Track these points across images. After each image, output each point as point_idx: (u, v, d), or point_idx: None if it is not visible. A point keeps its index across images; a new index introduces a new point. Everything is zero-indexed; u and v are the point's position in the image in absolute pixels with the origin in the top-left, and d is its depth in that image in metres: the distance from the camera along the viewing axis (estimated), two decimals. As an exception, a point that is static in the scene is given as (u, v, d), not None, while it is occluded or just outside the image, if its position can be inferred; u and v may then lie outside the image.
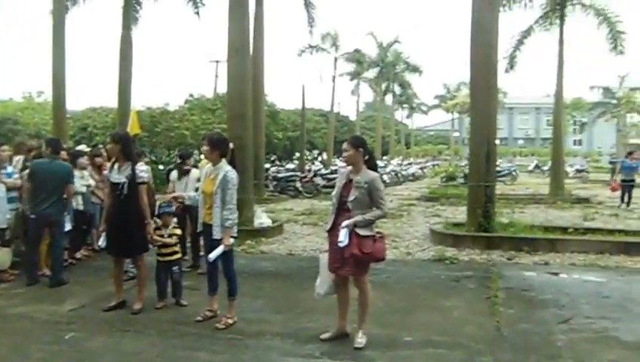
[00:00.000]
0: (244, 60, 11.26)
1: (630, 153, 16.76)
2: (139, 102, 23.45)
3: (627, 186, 15.43)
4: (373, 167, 4.63)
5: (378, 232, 4.58)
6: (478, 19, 10.10)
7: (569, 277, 7.41)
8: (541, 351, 4.59)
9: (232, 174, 4.96)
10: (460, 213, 12.08)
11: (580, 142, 70.28)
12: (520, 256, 8.63)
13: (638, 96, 42.98)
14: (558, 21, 18.93)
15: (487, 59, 10.10)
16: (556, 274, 7.55)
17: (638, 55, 77.03)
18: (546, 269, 7.85)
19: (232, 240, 4.95)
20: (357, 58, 40.32)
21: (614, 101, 44.21)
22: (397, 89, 49.75)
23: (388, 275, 7.11)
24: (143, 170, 5.58)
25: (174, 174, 7.69)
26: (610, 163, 36.35)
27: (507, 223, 10.30)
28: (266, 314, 5.50)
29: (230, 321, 5.04)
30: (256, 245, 9.44)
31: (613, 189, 16.05)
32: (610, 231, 10.29)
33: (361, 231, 4.36)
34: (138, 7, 17.62)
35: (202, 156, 6.78)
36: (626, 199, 15.35)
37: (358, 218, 4.36)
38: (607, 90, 43.28)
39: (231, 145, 5.17)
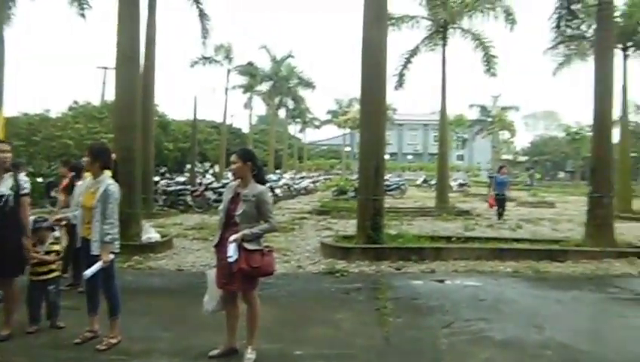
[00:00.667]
0: (134, 68, 10.87)
1: (501, 168, 18.01)
2: (15, 107, 21.77)
3: (499, 200, 16.25)
4: (261, 180, 4.63)
5: (267, 246, 4.57)
6: (368, 37, 10.49)
7: (452, 283, 7.91)
8: (426, 355, 4.86)
9: (114, 188, 4.74)
10: (350, 226, 12.41)
11: (462, 157, 75.16)
12: (408, 266, 9.03)
13: (508, 114, 46.85)
14: (441, 42, 20.24)
15: (376, 77, 10.52)
16: (441, 281, 8.01)
17: (510, 77, 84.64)
18: (432, 277, 8.29)
19: (111, 256, 4.71)
20: (250, 71, 40.40)
21: (489, 119, 47.90)
22: (290, 103, 50.38)
23: (278, 289, 7.13)
24: (25, 180, 5.20)
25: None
26: (489, 177, 39.34)
27: (396, 235, 10.71)
28: (152, 332, 5.29)
29: (113, 341, 4.78)
30: (144, 261, 9.07)
31: (491, 205, 16.88)
32: (487, 240, 11.15)
33: (249, 246, 4.33)
34: (11, 4, 16.39)
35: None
36: (500, 211, 16.29)
37: (246, 232, 4.33)
38: (483, 109, 46.80)
39: (113, 156, 4.94)
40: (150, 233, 10.43)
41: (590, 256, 9.88)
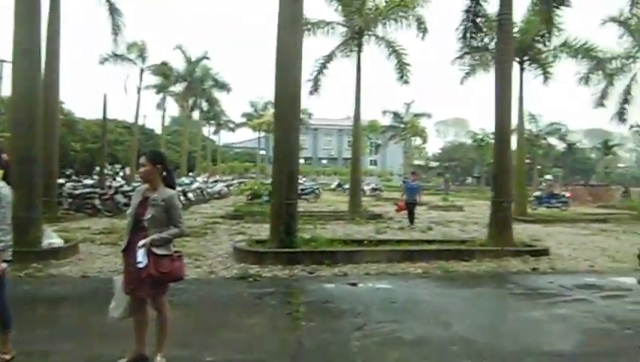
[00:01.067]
0: (34, 62, 10.15)
1: (413, 173, 18.51)
2: None
3: (409, 206, 16.23)
4: (171, 184, 4.48)
5: (176, 251, 4.44)
6: (283, 41, 10.50)
7: (365, 286, 8.06)
8: (338, 358, 4.90)
9: (5, 190, 4.38)
10: (264, 231, 12.34)
11: (375, 162, 77.15)
12: (321, 269, 9.10)
13: (421, 121, 48.73)
14: (356, 49, 20.67)
15: (291, 81, 10.54)
16: (354, 284, 8.12)
17: (423, 84, 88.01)
18: (345, 280, 8.39)
19: (4, 265, 4.35)
20: (164, 71, 39.21)
21: (402, 125, 49.56)
22: (205, 105, 49.38)
23: (190, 295, 6.95)
24: None
25: None
26: (404, 182, 40.64)
27: (309, 239, 10.75)
28: (53, 344, 4.95)
29: (7, 357, 4.41)
30: (45, 268, 8.53)
31: (400, 209, 17.03)
32: (398, 242, 11.51)
33: (158, 251, 4.19)
34: None
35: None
36: (411, 217, 16.26)
37: (155, 237, 4.18)
38: (396, 115, 48.33)
39: (5, 156, 4.58)
40: (51, 238, 9.80)
41: (492, 255, 10.52)
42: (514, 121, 21.73)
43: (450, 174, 54.57)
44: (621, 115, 27.15)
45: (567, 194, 28.51)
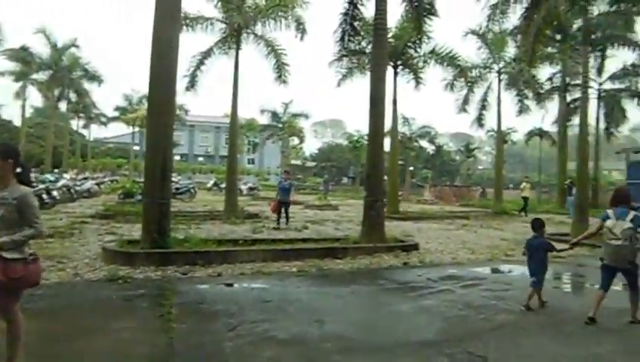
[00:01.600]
0: None
1: (286, 172, 18.21)
2: None
3: (282, 205, 15.93)
4: (25, 181, 4.05)
5: (32, 254, 4.01)
6: (159, 34, 10.04)
7: (240, 286, 7.94)
8: (211, 359, 4.77)
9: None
10: (136, 231, 11.76)
11: (253, 161, 76.83)
12: (195, 270, 8.82)
13: (298, 121, 49.37)
14: (235, 46, 20.36)
15: (166, 75, 10.10)
16: (229, 284, 7.98)
17: (302, 85, 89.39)
18: (219, 281, 8.21)
19: None
20: (23, 57, 35.90)
21: (280, 125, 49.87)
22: (73, 96, 45.94)
23: (50, 301, 6.40)
24: None
25: None
26: (279, 182, 40.80)
27: (182, 239, 10.40)
28: None
29: None
30: None
31: (274, 210, 16.62)
32: (273, 241, 11.51)
33: (9, 255, 3.76)
34: None
35: None
36: (285, 216, 16.04)
37: (5, 240, 3.75)
38: (274, 115, 48.51)
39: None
40: None
41: (365, 252, 10.89)
42: (388, 123, 22.83)
43: (327, 174, 55.90)
44: (479, 120, 29.62)
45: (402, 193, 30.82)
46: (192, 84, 21.48)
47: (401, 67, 23.25)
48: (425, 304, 7.00)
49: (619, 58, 27.91)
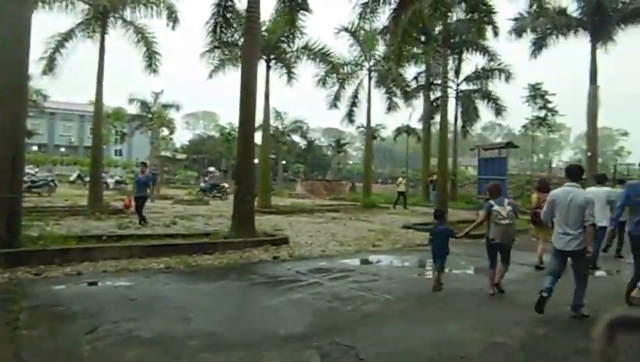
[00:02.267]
0: None
1: (143, 164, 16.67)
2: None
3: (139, 200, 14.74)
4: None
5: None
6: (6, 12, 9.08)
7: (102, 285, 7.52)
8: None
9: None
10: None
11: (121, 153, 72.78)
12: (51, 270, 8.19)
13: (169, 112, 47.58)
14: (100, 30, 19.11)
15: (14, 56, 9.15)
16: (91, 283, 7.53)
17: (174, 75, 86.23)
18: (79, 280, 7.72)
19: None
20: None
21: (150, 115, 47.72)
22: None
23: None
24: None
25: None
26: (153, 174, 38.96)
27: (37, 236, 9.59)
28: None
29: None
30: None
31: (127, 206, 15.57)
32: (140, 237, 11.04)
33: None
34: None
35: None
36: (139, 211, 14.54)
37: None
38: (144, 104, 46.31)
39: None
40: None
41: (235, 247, 10.83)
42: (260, 117, 22.86)
43: (199, 167, 54.48)
44: (350, 116, 30.73)
45: (226, 185, 31.62)
46: (50, 68, 19.95)
47: (274, 61, 23.37)
48: (294, 297, 7.11)
49: (473, 61, 30.56)
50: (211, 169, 41.11)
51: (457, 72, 30.87)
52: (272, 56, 23.04)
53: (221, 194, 28.71)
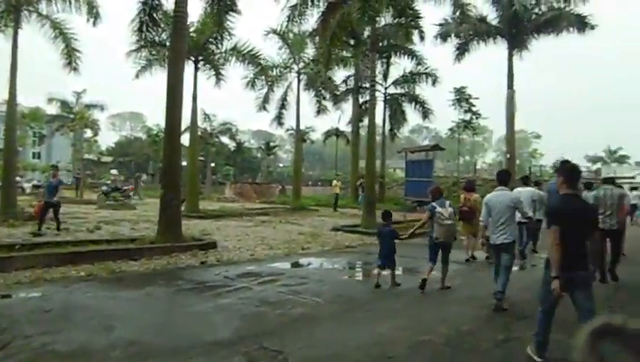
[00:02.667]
0: None
1: (54, 167, 15.94)
2: None
3: (49, 206, 13.89)
4: None
5: None
6: None
7: (15, 297, 7.03)
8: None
9: None
10: None
11: (39, 155, 69.04)
12: (-45, 283, 7.59)
13: (93, 113, 45.66)
14: (12, 24, 18.00)
15: None
16: (5, 296, 7.02)
17: (99, 75, 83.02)
18: (-13, 292, 7.18)
19: None
20: None
21: (72, 116, 45.53)
22: None
23: None
24: None
25: None
26: (75, 178, 37.07)
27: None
28: None
29: None
30: None
31: (36, 213, 14.49)
32: (58, 244, 10.47)
33: None
34: None
35: None
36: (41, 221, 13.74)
37: None
38: (64, 104, 44.17)
39: None
40: None
41: (162, 252, 10.51)
42: (187, 118, 22.35)
43: (125, 170, 52.61)
44: (279, 119, 30.66)
45: (130, 187, 31.87)
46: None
47: (202, 62, 22.94)
48: (222, 303, 6.98)
49: (401, 65, 31.26)
50: (114, 172, 39.73)
51: (386, 76, 31.51)
52: (200, 57, 22.60)
53: (124, 198, 27.39)
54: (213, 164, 54.35)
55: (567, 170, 4.78)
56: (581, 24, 24.39)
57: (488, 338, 5.56)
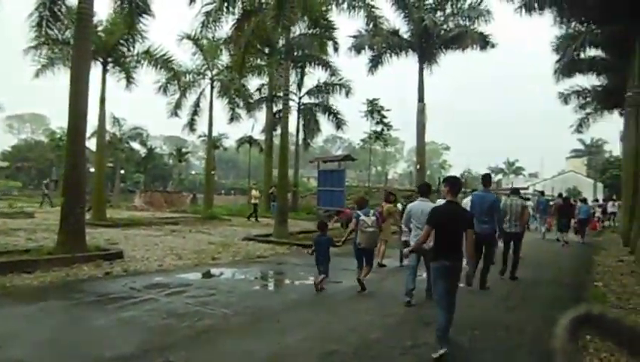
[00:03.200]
0: None
1: None
2: None
3: None
4: None
5: None
6: None
7: None
8: None
9: None
10: None
11: None
12: None
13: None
14: None
15: None
16: None
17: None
18: None
19: None
20: None
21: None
22: None
23: None
24: None
25: None
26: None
27: None
28: None
29: None
30: None
31: None
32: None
33: None
34: None
35: None
36: None
37: None
38: None
39: None
40: None
41: (62, 263, 9.87)
42: (94, 122, 21.27)
43: (24, 176, 49.17)
44: (192, 125, 29.98)
45: None
46: None
47: (111, 64, 21.92)
48: (126, 316, 6.63)
49: (315, 75, 31.54)
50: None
51: (300, 86, 31.66)
52: (109, 59, 21.57)
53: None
54: (122, 171, 52.13)
55: (451, 182, 5.89)
56: (483, 42, 26.13)
57: (395, 345, 5.65)
